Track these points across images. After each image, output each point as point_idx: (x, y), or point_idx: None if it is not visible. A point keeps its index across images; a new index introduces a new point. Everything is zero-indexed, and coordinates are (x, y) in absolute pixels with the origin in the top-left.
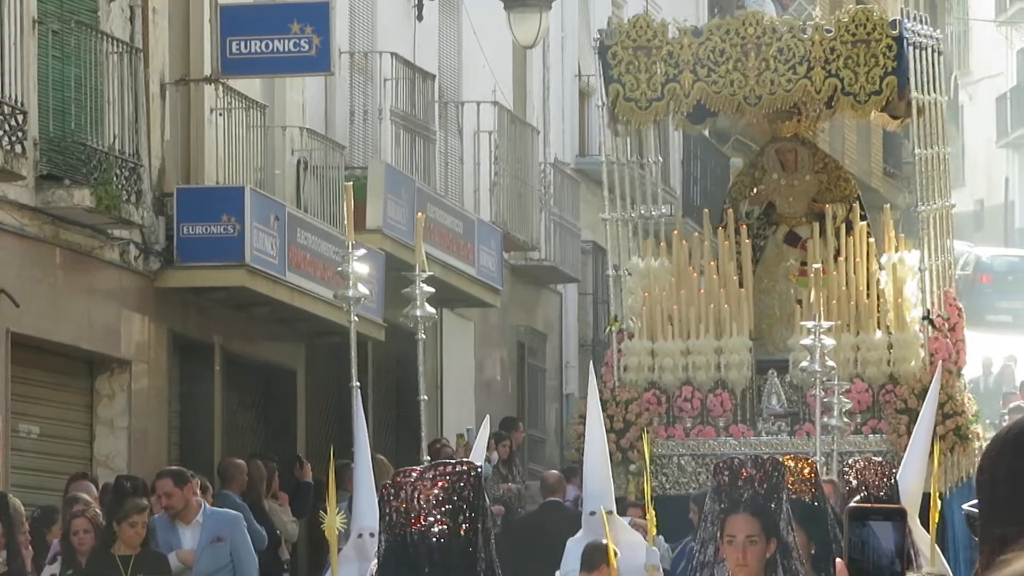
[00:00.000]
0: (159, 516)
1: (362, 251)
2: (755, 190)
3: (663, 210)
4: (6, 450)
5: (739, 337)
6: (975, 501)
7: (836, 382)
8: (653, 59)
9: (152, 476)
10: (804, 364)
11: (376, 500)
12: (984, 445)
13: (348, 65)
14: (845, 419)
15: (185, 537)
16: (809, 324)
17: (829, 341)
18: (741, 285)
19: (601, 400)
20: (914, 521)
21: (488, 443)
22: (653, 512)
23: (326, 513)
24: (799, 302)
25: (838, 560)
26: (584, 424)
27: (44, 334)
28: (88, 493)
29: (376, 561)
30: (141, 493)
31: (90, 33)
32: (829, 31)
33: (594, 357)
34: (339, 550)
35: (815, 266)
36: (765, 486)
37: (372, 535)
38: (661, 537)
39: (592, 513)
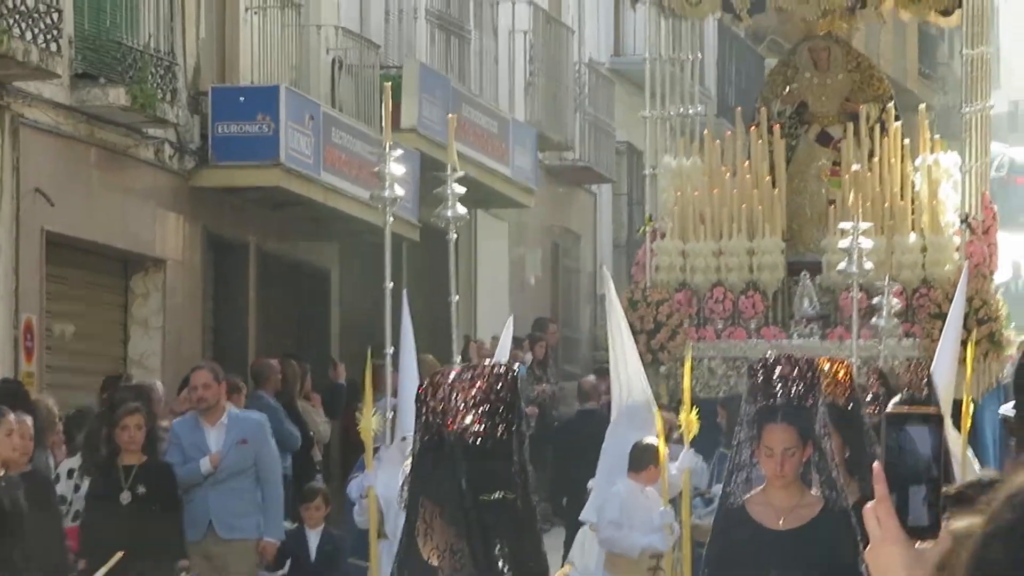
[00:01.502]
0: (185, 417)
1: (398, 151)
2: (787, 89)
3: (699, 109)
4: (40, 350)
5: (772, 238)
6: (1012, 403)
7: (887, 282)
8: None
9: (182, 375)
10: (842, 266)
11: (413, 395)
12: (1015, 350)
13: None
14: (902, 320)
15: (210, 438)
16: (846, 225)
17: (867, 243)
18: (774, 185)
19: (632, 300)
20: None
21: (523, 343)
22: (694, 419)
23: (360, 414)
24: (831, 203)
25: (875, 464)
26: None
27: (78, 233)
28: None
29: (410, 460)
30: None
31: None
32: None
33: (627, 258)
34: (375, 451)
35: (854, 167)
36: (801, 385)
37: (408, 434)
38: (692, 450)
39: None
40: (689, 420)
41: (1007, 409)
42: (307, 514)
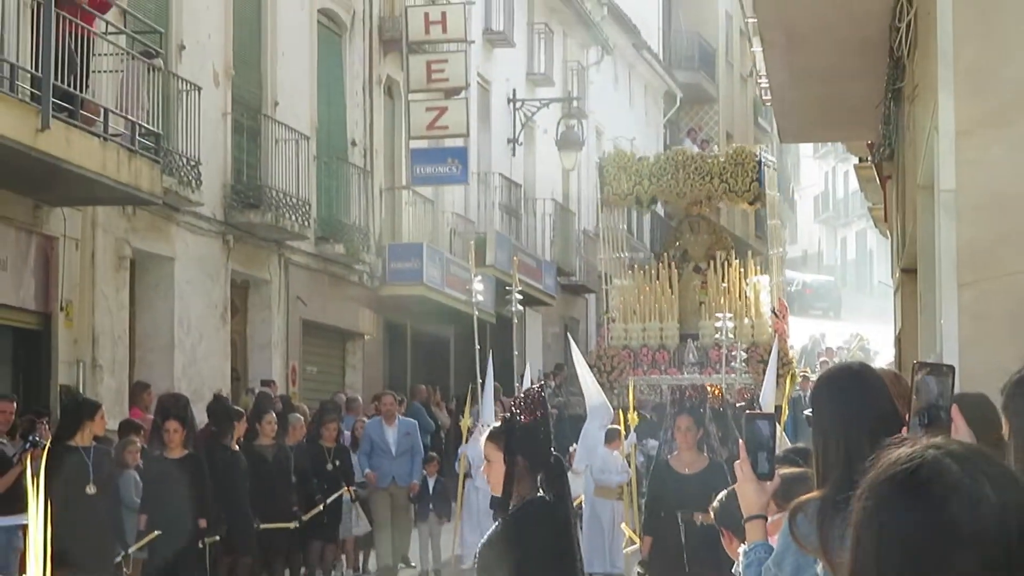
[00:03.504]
0: (373, 420)
1: (479, 277)
2: (677, 243)
3: (636, 254)
4: (299, 381)
5: (671, 322)
6: (809, 410)
7: (739, 344)
8: (628, 172)
9: (370, 396)
10: (718, 336)
11: (492, 404)
12: (800, 380)
13: (476, 181)
14: (743, 364)
15: (388, 434)
16: (719, 315)
17: (730, 324)
18: (673, 293)
19: (598, 356)
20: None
21: (550, 375)
22: (634, 417)
23: (462, 415)
24: (701, 303)
25: (740, 441)
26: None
27: (319, 320)
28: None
29: (483, 439)
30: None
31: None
32: (721, 159)
33: (598, 333)
34: (469, 433)
35: (722, 286)
36: (696, 399)
37: (487, 425)
38: (634, 434)
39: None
40: (631, 418)
41: (809, 412)
42: (429, 468)
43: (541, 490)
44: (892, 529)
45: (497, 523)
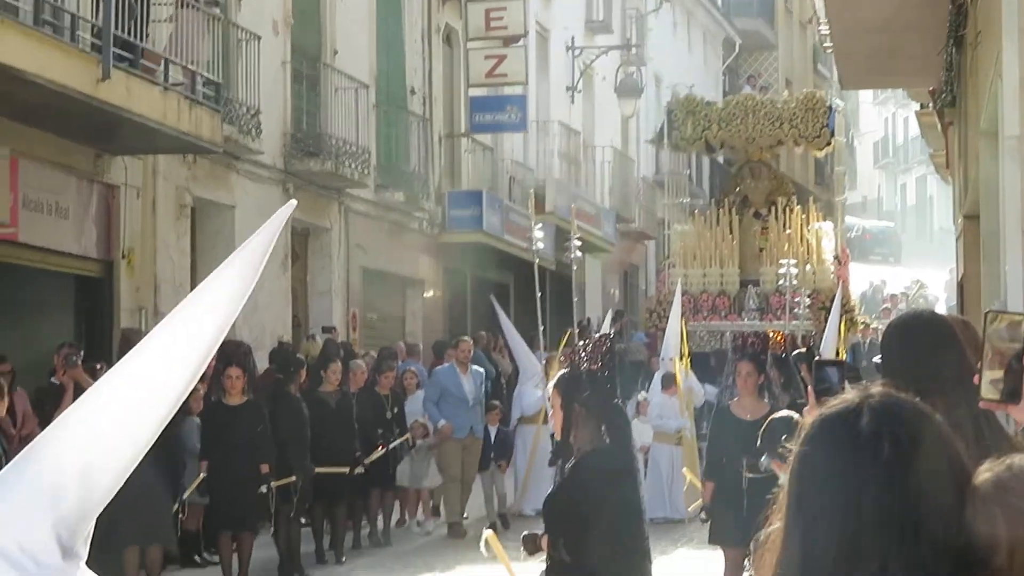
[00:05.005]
0: (445, 367)
1: (539, 224)
2: (737, 189)
3: (696, 200)
4: (360, 328)
5: (732, 268)
6: (878, 357)
7: (804, 291)
8: (696, 117)
9: (430, 345)
10: (781, 283)
11: (529, 355)
12: (860, 327)
13: (535, 128)
14: (806, 311)
15: (465, 382)
16: (784, 261)
17: (794, 270)
18: (734, 239)
19: (657, 301)
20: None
21: (612, 322)
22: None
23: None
24: (761, 250)
25: (810, 388)
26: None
27: (380, 267)
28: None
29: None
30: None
31: None
32: (792, 104)
33: (657, 279)
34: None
35: (787, 232)
36: (758, 346)
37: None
38: (693, 376)
39: (668, 359)
40: (684, 364)
41: (877, 359)
42: (491, 417)
43: (606, 439)
44: (811, 469)
45: (560, 473)
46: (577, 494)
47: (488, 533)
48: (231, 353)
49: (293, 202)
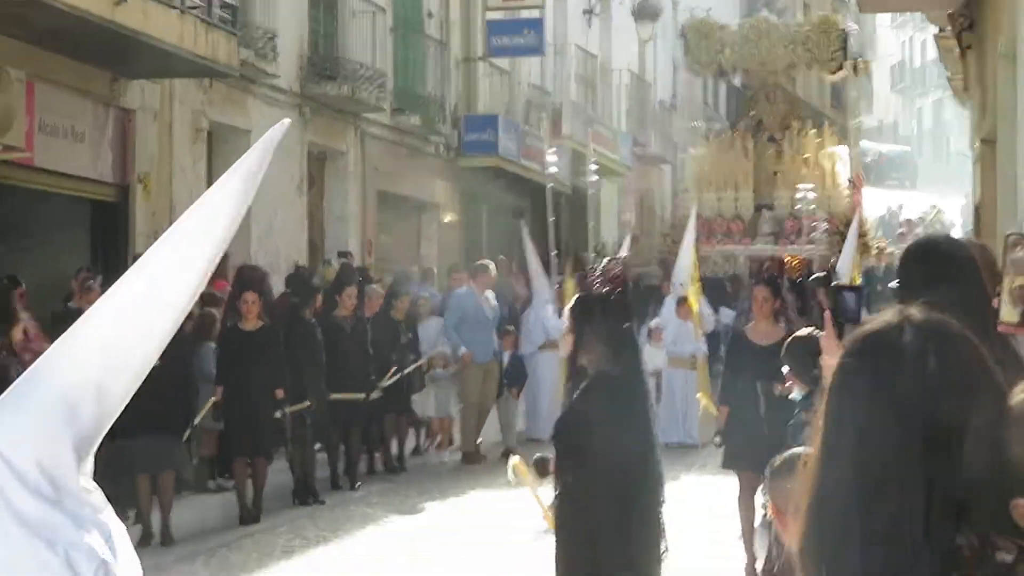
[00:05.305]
0: (463, 290)
1: (554, 148)
2: (751, 112)
3: (712, 124)
4: (375, 252)
5: (746, 191)
6: (895, 282)
7: (822, 214)
8: (711, 40)
9: (445, 267)
10: (798, 207)
11: (543, 277)
12: (875, 252)
13: (552, 52)
14: (822, 235)
15: (486, 306)
16: (800, 185)
17: (811, 195)
18: (748, 162)
19: (671, 225)
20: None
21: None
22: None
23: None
24: (775, 172)
25: (826, 313)
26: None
27: (395, 191)
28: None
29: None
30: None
31: None
32: (807, 27)
33: (672, 203)
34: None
35: (806, 156)
36: (774, 270)
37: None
38: (705, 300)
39: (680, 284)
40: (697, 289)
41: (894, 284)
42: (505, 342)
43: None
44: (856, 381)
45: (569, 396)
46: (584, 418)
47: (515, 459)
48: (247, 278)
49: (287, 121)
